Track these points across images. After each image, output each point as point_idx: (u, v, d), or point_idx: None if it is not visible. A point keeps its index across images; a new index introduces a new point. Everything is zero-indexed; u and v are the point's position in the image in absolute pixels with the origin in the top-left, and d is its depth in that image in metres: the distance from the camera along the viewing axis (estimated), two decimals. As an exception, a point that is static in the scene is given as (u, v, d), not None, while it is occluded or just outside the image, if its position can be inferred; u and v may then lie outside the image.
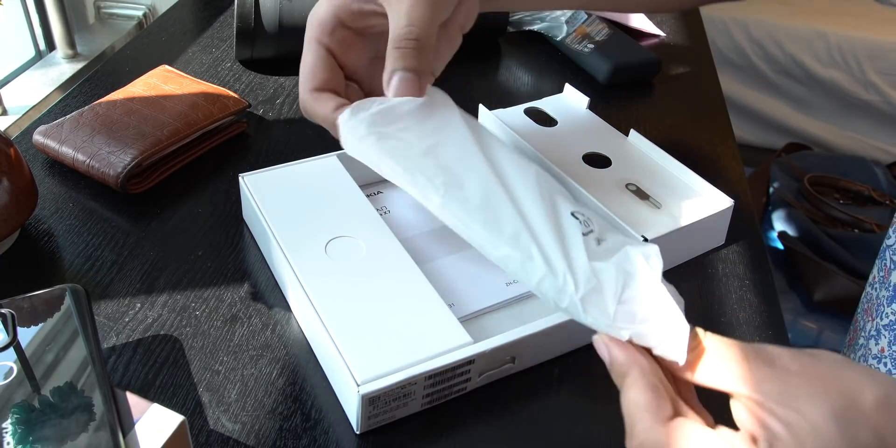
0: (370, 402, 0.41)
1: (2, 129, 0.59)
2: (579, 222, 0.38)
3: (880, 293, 0.63)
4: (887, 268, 0.63)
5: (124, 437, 0.34)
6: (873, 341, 0.64)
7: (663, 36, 0.91)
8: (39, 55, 1.36)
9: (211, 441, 0.42)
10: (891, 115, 2.00)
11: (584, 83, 0.79)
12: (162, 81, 0.66)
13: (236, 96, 0.65)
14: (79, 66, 1.34)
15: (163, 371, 0.46)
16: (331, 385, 0.45)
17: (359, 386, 0.41)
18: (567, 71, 0.81)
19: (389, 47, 0.42)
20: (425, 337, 0.44)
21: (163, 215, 0.57)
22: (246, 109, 0.66)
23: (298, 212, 0.52)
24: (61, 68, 1.34)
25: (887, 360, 0.62)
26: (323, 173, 0.55)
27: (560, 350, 0.49)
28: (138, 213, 0.58)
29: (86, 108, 0.62)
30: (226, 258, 0.54)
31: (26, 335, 0.39)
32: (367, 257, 0.49)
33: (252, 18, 0.71)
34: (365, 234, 0.50)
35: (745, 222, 0.61)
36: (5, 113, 1.20)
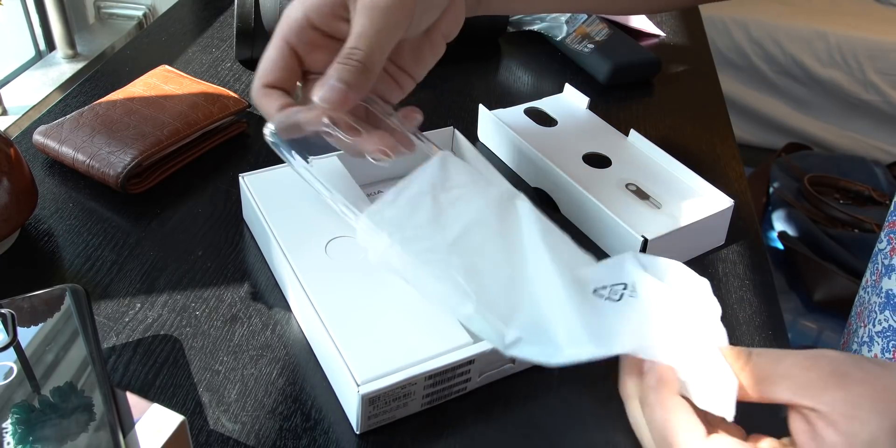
0: (370, 402, 0.41)
1: (2, 129, 0.59)
2: (602, 298, 0.38)
3: (872, 298, 0.63)
4: (879, 272, 0.63)
5: (124, 437, 0.34)
6: (866, 348, 0.64)
7: (663, 36, 0.91)
8: (39, 55, 1.36)
9: (211, 441, 0.42)
10: (891, 115, 2.00)
11: (584, 83, 0.79)
12: (162, 81, 0.66)
13: (236, 96, 0.65)
14: (79, 66, 1.34)
15: (163, 371, 0.46)
16: (331, 385, 0.45)
17: (359, 386, 0.41)
18: (567, 71, 0.81)
19: (335, 60, 0.43)
20: (425, 337, 0.44)
21: (163, 215, 0.57)
22: (246, 109, 0.66)
23: (298, 212, 0.52)
24: (61, 68, 1.34)
25: None
26: (323, 173, 0.55)
27: (560, 350, 0.49)
28: (138, 213, 0.58)
29: (86, 108, 0.62)
30: (226, 258, 0.54)
31: (26, 335, 0.39)
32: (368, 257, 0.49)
33: (252, 18, 0.71)
34: None
35: (745, 222, 0.61)
36: (5, 113, 1.20)
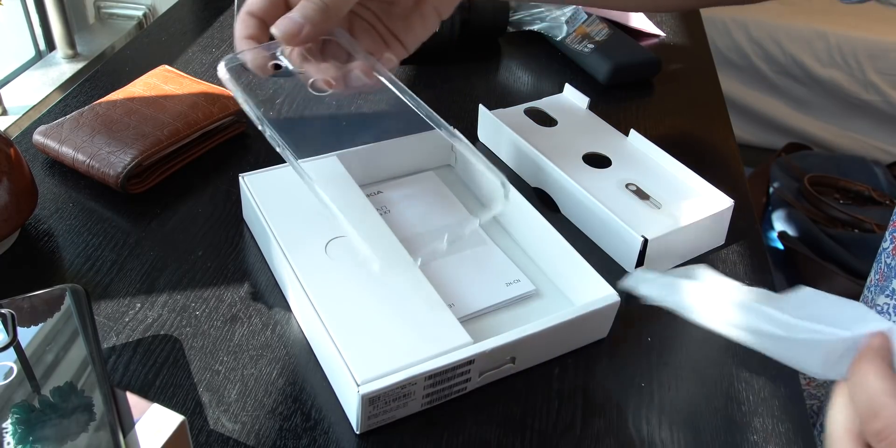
0: (370, 402, 0.41)
1: (2, 129, 0.59)
2: None
3: (879, 298, 0.63)
4: (882, 271, 0.63)
5: (124, 437, 0.34)
6: None
7: (663, 36, 0.91)
8: (39, 55, 1.35)
9: (211, 441, 0.42)
10: (891, 115, 2.00)
11: (584, 83, 0.79)
12: (162, 81, 0.66)
13: (236, 96, 0.65)
14: (79, 66, 1.34)
15: (163, 371, 0.46)
16: (331, 385, 0.45)
17: (359, 386, 0.41)
18: (567, 71, 0.81)
19: None
20: (425, 337, 0.44)
21: (163, 215, 0.57)
22: (246, 109, 0.66)
23: (298, 212, 0.52)
24: (61, 68, 1.34)
25: None
26: (323, 173, 0.55)
27: (560, 350, 0.49)
28: (138, 213, 0.58)
29: (86, 108, 0.62)
30: (226, 258, 0.54)
31: (26, 335, 0.39)
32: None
33: (252, 18, 0.71)
34: (365, 234, 0.50)
35: (745, 222, 0.61)
36: (5, 113, 1.20)
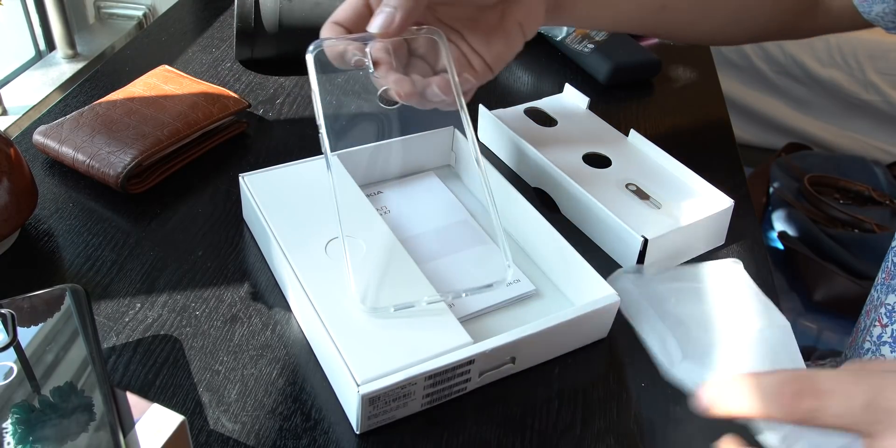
0: (370, 402, 0.41)
1: (2, 129, 0.59)
2: None
3: (889, 298, 0.63)
4: (889, 271, 0.62)
5: (124, 437, 0.34)
6: (888, 348, 0.63)
7: (663, 36, 0.91)
8: (39, 55, 1.35)
9: (211, 441, 0.42)
10: (891, 115, 2.00)
11: (584, 83, 0.79)
12: (162, 81, 0.66)
13: (236, 96, 0.65)
14: (79, 66, 1.34)
15: (163, 371, 0.46)
16: (331, 385, 0.45)
17: (359, 386, 0.41)
18: (567, 71, 0.81)
19: None
20: (425, 337, 0.44)
21: (163, 215, 0.57)
22: (246, 109, 0.66)
23: (298, 212, 0.52)
24: (61, 68, 1.34)
25: None
26: (323, 173, 0.55)
27: (560, 350, 0.49)
28: (138, 213, 0.58)
29: (86, 108, 0.62)
30: (226, 258, 0.54)
31: (26, 335, 0.39)
32: (367, 257, 0.49)
33: (252, 18, 0.71)
34: (365, 234, 0.50)
35: (745, 222, 0.61)
36: (5, 113, 1.20)
